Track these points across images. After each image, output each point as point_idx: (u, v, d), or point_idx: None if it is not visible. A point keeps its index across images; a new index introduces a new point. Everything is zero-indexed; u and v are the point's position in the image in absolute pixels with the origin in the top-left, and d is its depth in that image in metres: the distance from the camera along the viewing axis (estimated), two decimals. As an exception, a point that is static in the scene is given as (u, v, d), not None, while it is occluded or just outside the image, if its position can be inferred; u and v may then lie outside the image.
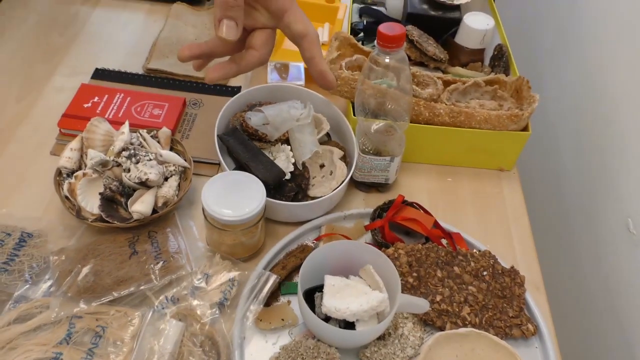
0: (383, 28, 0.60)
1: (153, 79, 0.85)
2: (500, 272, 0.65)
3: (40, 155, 0.74)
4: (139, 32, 0.95)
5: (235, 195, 0.60)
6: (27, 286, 0.58)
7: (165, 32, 0.93)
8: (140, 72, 0.87)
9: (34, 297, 0.58)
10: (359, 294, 0.57)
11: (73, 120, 0.75)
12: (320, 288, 0.59)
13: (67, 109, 0.76)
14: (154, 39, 0.92)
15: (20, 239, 0.63)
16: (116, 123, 0.73)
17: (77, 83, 0.82)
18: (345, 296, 0.57)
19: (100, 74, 0.85)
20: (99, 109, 0.77)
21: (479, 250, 0.67)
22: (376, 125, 0.70)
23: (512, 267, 0.65)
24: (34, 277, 0.59)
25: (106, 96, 0.79)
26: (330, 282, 0.58)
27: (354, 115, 0.73)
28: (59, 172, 0.66)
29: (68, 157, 0.66)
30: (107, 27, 0.94)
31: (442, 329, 0.60)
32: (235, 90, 0.85)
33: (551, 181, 0.96)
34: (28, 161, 0.73)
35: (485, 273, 0.64)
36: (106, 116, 0.76)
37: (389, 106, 0.68)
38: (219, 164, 0.75)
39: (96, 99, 0.78)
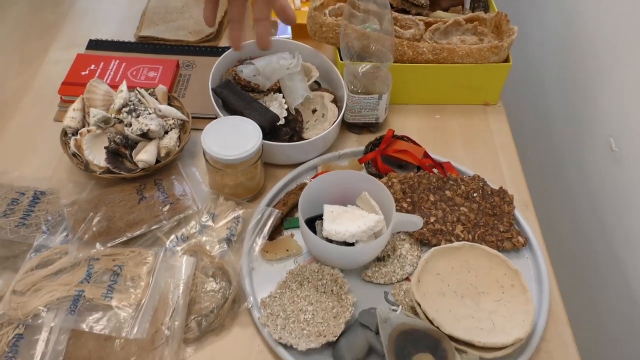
0: (360, -33, 0.63)
1: (146, 45, 0.88)
2: (489, 192, 0.68)
3: (44, 122, 0.77)
4: (127, 4, 0.97)
5: (233, 138, 0.64)
6: (45, 236, 0.62)
7: (153, 1, 0.95)
8: (133, 40, 0.90)
9: (52, 246, 0.61)
10: (356, 218, 0.61)
11: (72, 87, 0.78)
12: (320, 217, 0.63)
13: (66, 77, 0.80)
14: (142, 10, 0.95)
15: (34, 197, 0.66)
16: (114, 87, 0.77)
17: (72, 55, 0.85)
18: (343, 221, 0.61)
19: (94, 44, 0.87)
20: (97, 75, 0.80)
21: (467, 177, 0.70)
22: (362, 67, 0.73)
23: (501, 188, 0.69)
24: (51, 229, 0.63)
25: (102, 63, 0.82)
26: (329, 210, 0.62)
27: (342, 60, 0.76)
28: (64, 133, 0.69)
29: (71, 117, 0.69)
30: (96, 2, 0.97)
31: (436, 245, 0.63)
32: (226, 49, 0.88)
33: (535, 110, 0.99)
34: (33, 129, 0.76)
35: (475, 195, 0.68)
36: (104, 80, 0.79)
37: (373, 47, 0.71)
38: (215, 118, 0.78)
39: (92, 66, 0.81)
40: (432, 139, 0.77)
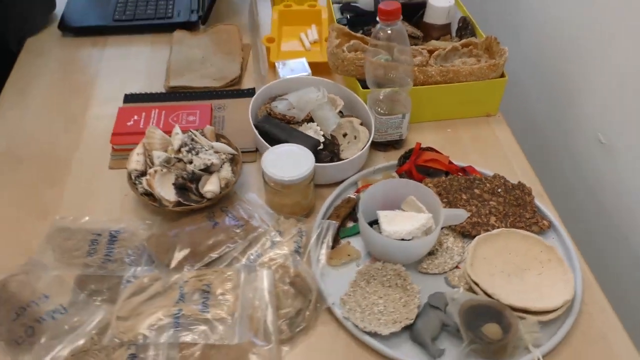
0: (382, 5, 0.74)
1: (177, 94, 0.96)
2: (511, 187, 0.79)
3: (100, 171, 0.84)
4: (149, 60, 1.06)
5: (289, 162, 0.73)
6: (132, 268, 0.68)
7: (174, 55, 1.04)
8: (163, 90, 0.98)
9: (140, 275, 0.68)
10: (408, 218, 0.70)
11: (122, 137, 0.86)
12: (374, 222, 0.71)
13: (114, 128, 0.87)
14: (165, 63, 1.04)
15: (111, 236, 0.73)
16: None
17: (111, 109, 0.93)
18: (398, 222, 0.70)
19: (130, 97, 0.95)
20: (141, 124, 0.88)
21: (489, 176, 0.80)
22: (383, 93, 0.84)
23: (519, 182, 0.79)
24: (135, 261, 0.69)
25: (143, 113, 0.90)
26: (384, 214, 0.70)
27: (363, 88, 0.87)
28: (129, 176, 0.76)
29: (136, 160, 0.76)
30: (120, 61, 1.05)
31: (476, 236, 0.73)
32: (250, 91, 0.97)
33: (530, 117, 1.11)
34: (91, 178, 0.83)
35: (499, 190, 0.78)
36: (150, 129, 0.87)
37: (392, 75, 0.81)
38: (255, 150, 0.86)
39: (136, 117, 0.89)
40: (448, 150, 0.88)
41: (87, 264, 0.69)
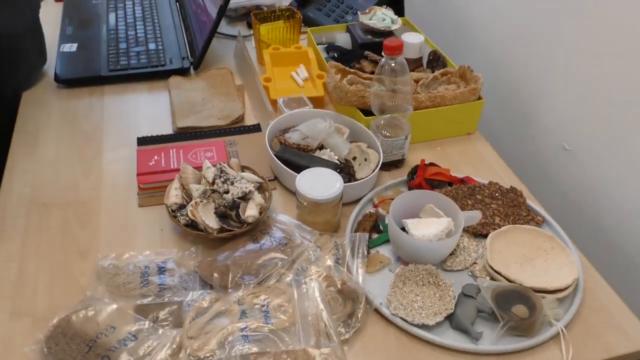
0: (387, 42, 0.86)
1: (187, 134, 1.02)
2: (505, 191, 0.91)
3: (130, 210, 0.88)
4: (150, 105, 1.11)
5: (320, 183, 0.81)
6: (190, 293, 0.73)
7: (175, 99, 1.10)
8: (172, 132, 1.04)
9: (196, 298, 0.72)
10: (431, 223, 0.79)
11: (148, 176, 0.90)
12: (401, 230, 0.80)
13: (138, 169, 0.91)
14: (165, 107, 1.10)
15: (159, 268, 0.77)
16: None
17: (125, 153, 0.98)
18: (423, 227, 0.79)
19: (143, 140, 1.00)
20: (163, 163, 0.93)
21: (485, 184, 0.92)
22: (386, 118, 0.94)
23: (512, 187, 0.92)
24: (190, 287, 0.74)
25: (162, 153, 0.95)
26: (410, 222, 0.80)
27: (365, 116, 0.97)
28: (169, 210, 0.81)
29: (175, 195, 0.81)
30: (121, 108, 1.10)
31: (487, 234, 0.83)
32: (256, 127, 1.05)
33: (499, 132, 1.25)
34: (123, 217, 0.86)
35: (497, 194, 0.90)
36: (171, 166, 0.92)
37: (394, 102, 0.92)
38: (274, 178, 0.94)
39: (156, 157, 0.94)
40: (442, 165, 0.99)
41: (144, 294, 0.73)
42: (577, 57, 1.00)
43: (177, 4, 1.44)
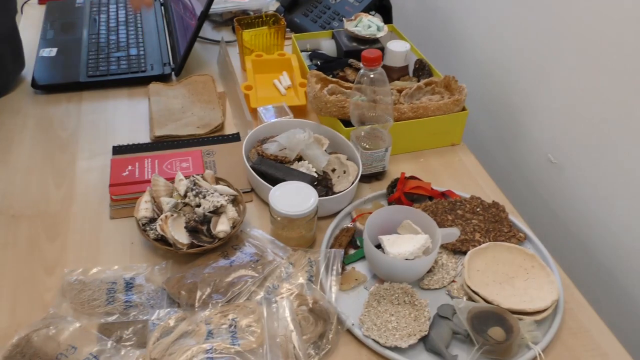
0: (366, 53, 0.83)
1: (164, 143, 1.00)
2: (487, 206, 0.88)
3: (101, 222, 0.85)
4: (128, 112, 1.09)
5: (294, 198, 0.78)
6: (156, 311, 0.70)
7: (154, 106, 1.08)
8: (149, 140, 1.01)
9: (165, 317, 0.70)
10: (408, 240, 0.77)
11: (120, 187, 0.88)
12: (377, 247, 0.78)
13: (111, 180, 0.89)
14: (144, 115, 1.07)
15: (126, 284, 0.75)
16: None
17: (99, 162, 0.95)
18: (399, 244, 0.77)
19: (118, 149, 0.98)
20: (137, 173, 0.91)
21: (467, 198, 0.90)
22: (366, 130, 0.92)
23: (494, 201, 0.89)
24: (156, 304, 0.72)
25: (137, 163, 0.93)
26: (386, 238, 0.77)
27: (346, 127, 0.95)
28: (139, 224, 0.79)
29: (145, 208, 0.79)
30: (99, 115, 1.08)
31: (467, 251, 0.81)
32: (235, 136, 1.02)
33: (485, 144, 1.23)
34: (94, 229, 0.84)
35: (478, 209, 0.88)
36: (145, 177, 0.90)
37: (374, 113, 0.90)
38: (250, 190, 0.91)
39: (130, 167, 0.92)
40: (424, 177, 0.96)
41: (109, 312, 0.71)
42: (565, 69, 0.98)
43: (162, 7, 1.42)
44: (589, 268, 0.97)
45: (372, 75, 0.85)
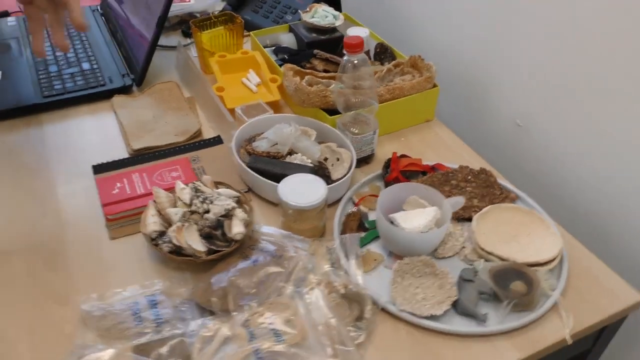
0: (347, 40, 0.85)
1: (145, 155, 0.96)
2: (477, 173, 0.93)
3: (102, 243, 0.81)
4: (96, 129, 1.04)
5: (303, 190, 0.79)
6: (191, 323, 0.69)
7: (124, 120, 1.04)
8: (127, 155, 0.97)
9: (201, 327, 0.68)
10: (419, 215, 0.80)
11: (115, 206, 0.84)
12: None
13: (102, 199, 0.85)
14: (115, 129, 1.03)
15: (149, 301, 0.72)
16: (150, 194, 0.86)
17: (81, 183, 0.91)
18: (411, 220, 0.79)
19: (99, 168, 0.93)
20: (128, 189, 0.87)
21: (456, 168, 0.94)
22: (352, 115, 0.94)
23: (481, 168, 0.94)
24: (186, 317, 0.70)
25: (125, 179, 0.89)
26: (398, 215, 0.80)
27: (330, 116, 0.96)
28: (150, 239, 0.76)
29: (153, 222, 0.77)
30: (65, 136, 1.02)
31: (469, 218, 0.85)
32: (217, 139, 1.01)
33: (455, 115, 1.29)
34: (95, 253, 0.80)
35: (469, 177, 0.92)
36: (137, 192, 0.87)
37: (358, 99, 0.92)
38: (248, 190, 0.91)
39: (118, 184, 0.88)
40: (410, 155, 1.00)
41: (140, 332, 0.68)
42: (525, 41, 1.04)
43: (103, 18, 1.36)
44: (569, 214, 1.04)
45: (355, 62, 0.87)
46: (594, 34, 0.90)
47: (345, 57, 0.87)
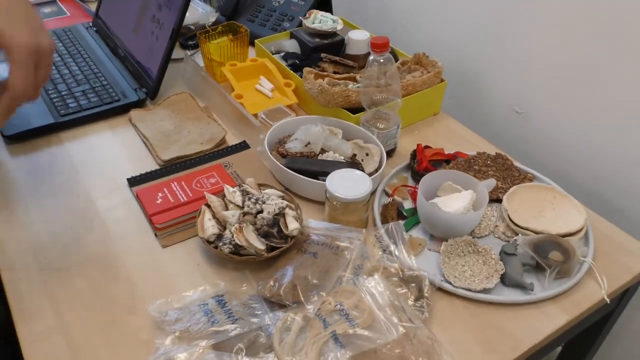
0: (374, 40, 0.90)
1: (176, 165, 0.98)
2: (494, 157, 1.00)
3: (155, 252, 0.83)
4: (118, 144, 1.05)
5: (350, 184, 0.83)
6: (265, 316, 0.72)
7: (146, 132, 1.05)
8: (158, 167, 0.99)
9: (268, 322, 0.72)
10: (457, 198, 0.86)
11: (162, 215, 0.86)
12: (429, 211, 0.86)
13: (149, 210, 0.86)
14: (137, 143, 1.04)
15: (218, 302, 0.75)
16: (193, 201, 0.88)
17: (119, 196, 0.92)
18: (450, 204, 0.85)
19: (134, 181, 0.94)
20: (171, 198, 0.89)
21: (474, 155, 1.01)
22: (370, 113, 0.99)
23: (497, 153, 1.01)
24: (259, 313, 0.73)
25: (165, 189, 0.91)
26: (438, 201, 0.85)
27: (353, 114, 1.01)
28: (208, 242, 0.79)
29: (211, 226, 0.79)
30: (90, 153, 1.02)
31: (496, 199, 0.92)
32: (243, 145, 1.04)
33: (463, 104, 1.36)
34: (150, 262, 0.81)
35: (489, 162, 0.99)
36: (181, 200, 0.89)
37: (383, 96, 0.97)
38: (285, 190, 0.94)
39: (160, 194, 0.90)
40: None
41: (216, 330, 0.71)
42: (518, 31, 1.12)
43: (98, 34, 1.35)
44: (579, 191, 1.13)
45: (381, 60, 0.92)
46: (589, 17, 0.99)
47: (371, 57, 0.92)
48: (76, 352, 0.70)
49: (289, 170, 0.91)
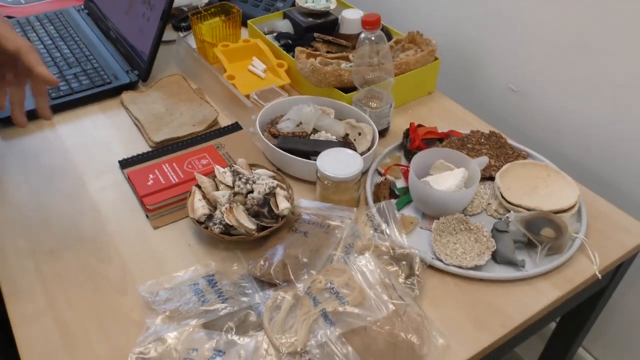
0: (365, 17, 0.89)
1: (168, 147, 0.98)
2: (488, 136, 0.99)
3: (146, 233, 0.83)
4: (110, 126, 1.04)
5: (341, 163, 0.83)
6: (255, 295, 0.72)
7: (138, 115, 1.05)
8: (149, 149, 0.98)
9: (259, 301, 0.72)
10: (449, 176, 0.85)
11: (152, 197, 0.86)
12: (421, 190, 0.85)
13: (140, 192, 0.86)
14: (129, 125, 1.04)
15: (208, 281, 0.75)
16: (185, 182, 0.88)
17: (111, 178, 0.92)
18: (442, 182, 0.85)
19: (125, 162, 0.94)
20: (162, 180, 0.89)
21: (468, 133, 1.00)
22: (362, 92, 0.98)
23: (491, 131, 1.00)
24: (249, 292, 0.73)
25: (156, 170, 0.90)
26: (430, 179, 0.85)
27: (346, 94, 1.00)
28: (198, 222, 0.79)
29: (202, 206, 0.79)
30: (82, 135, 1.02)
31: (489, 177, 0.91)
32: (235, 126, 1.03)
33: (458, 83, 1.35)
34: (142, 243, 0.82)
35: (482, 140, 0.98)
36: (172, 181, 0.88)
37: (375, 75, 0.96)
38: (276, 170, 0.94)
39: (151, 175, 0.89)
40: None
41: (207, 310, 0.71)
42: (513, 7, 1.11)
43: (90, 17, 1.34)
44: (574, 168, 1.12)
45: (373, 38, 0.91)
46: (584, -3, 0.97)
47: (362, 35, 0.91)
48: (68, 333, 0.70)
49: (280, 151, 0.90)
